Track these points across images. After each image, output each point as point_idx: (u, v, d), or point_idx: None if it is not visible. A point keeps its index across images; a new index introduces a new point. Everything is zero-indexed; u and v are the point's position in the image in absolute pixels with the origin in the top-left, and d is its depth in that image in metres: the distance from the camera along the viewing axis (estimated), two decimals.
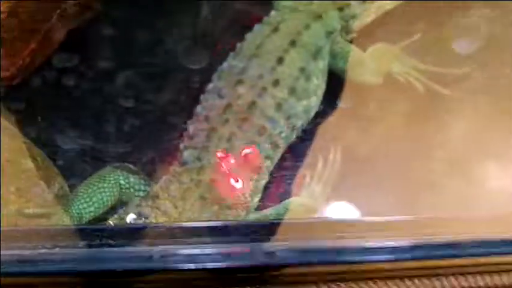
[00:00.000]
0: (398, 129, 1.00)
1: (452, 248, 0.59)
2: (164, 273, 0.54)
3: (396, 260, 0.57)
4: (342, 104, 1.02)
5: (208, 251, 0.54)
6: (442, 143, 0.98)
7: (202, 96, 0.93)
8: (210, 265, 0.53)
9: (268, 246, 0.55)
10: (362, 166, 0.95)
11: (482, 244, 0.58)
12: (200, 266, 0.53)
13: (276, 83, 0.93)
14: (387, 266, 0.57)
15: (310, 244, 0.55)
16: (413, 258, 0.58)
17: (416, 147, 0.97)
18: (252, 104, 0.90)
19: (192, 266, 0.53)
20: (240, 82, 0.92)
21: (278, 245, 0.55)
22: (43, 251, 0.52)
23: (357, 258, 0.56)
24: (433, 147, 0.97)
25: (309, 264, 0.54)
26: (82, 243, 0.53)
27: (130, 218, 0.80)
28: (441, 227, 0.62)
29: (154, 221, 0.80)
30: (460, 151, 0.97)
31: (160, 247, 0.54)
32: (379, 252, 0.57)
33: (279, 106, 0.92)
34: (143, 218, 0.80)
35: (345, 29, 1.04)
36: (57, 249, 0.52)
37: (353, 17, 1.05)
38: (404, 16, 1.11)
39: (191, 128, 0.90)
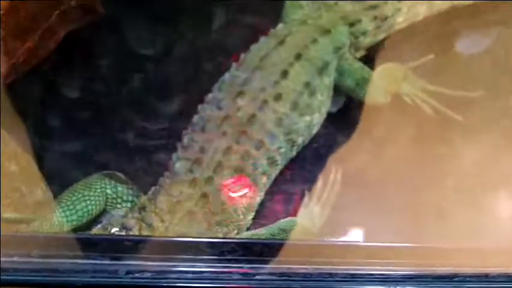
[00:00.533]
0: (405, 152, 0.96)
1: (451, 281, 0.54)
2: None
3: None
4: (346, 122, 0.98)
5: (178, 268, 0.49)
6: (452, 170, 0.93)
7: (200, 107, 0.89)
8: (180, 284, 0.49)
9: (246, 267, 0.50)
10: (366, 190, 0.91)
11: (484, 278, 0.53)
12: (169, 284, 0.49)
13: (278, 97, 0.89)
14: None
15: (293, 268, 0.50)
16: None
17: (424, 173, 0.92)
18: (252, 117, 0.86)
19: (160, 283, 0.49)
20: (240, 94, 0.88)
21: (258, 267, 0.50)
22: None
23: (344, 285, 0.51)
24: (442, 173, 0.92)
25: None
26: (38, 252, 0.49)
27: (113, 229, 0.76)
28: (443, 258, 0.57)
29: (137, 233, 0.76)
30: (470, 179, 0.92)
31: (127, 261, 0.49)
32: (370, 280, 0.52)
33: (279, 121, 0.88)
34: (126, 230, 0.76)
35: (355, 46, 1.00)
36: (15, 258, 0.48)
37: (364, 33, 1.01)
38: (417, 36, 1.08)
39: (186, 138, 0.86)
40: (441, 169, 0.93)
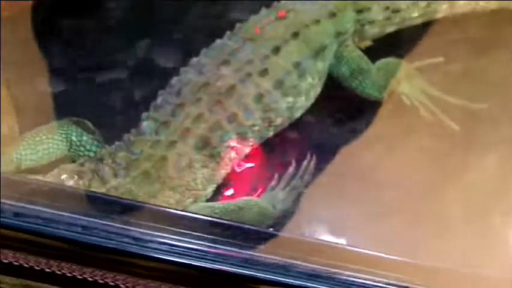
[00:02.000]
0: (408, 159, 0.90)
1: None
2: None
3: None
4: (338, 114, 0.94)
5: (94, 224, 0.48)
6: (456, 182, 0.88)
7: (181, 69, 0.87)
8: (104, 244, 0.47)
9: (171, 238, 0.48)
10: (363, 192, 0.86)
11: None
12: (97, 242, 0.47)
13: (264, 72, 0.86)
14: None
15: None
16: None
17: (428, 182, 0.87)
18: (231, 88, 0.84)
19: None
20: (225, 62, 0.86)
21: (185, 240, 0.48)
22: None
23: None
24: (446, 184, 0.87)
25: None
26: None
27: (63, 175, 0.75)
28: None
29: (86, 184, 0.75)
30: (475, 195, 0.87)
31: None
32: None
33: (259, 97, 0.85)
34: (76, 178, 0.75)
35: (359, 34, 0.96)
36: None
37: (371, 22, 0.96)
38: (431, 36, 1.02)
39: (159, 98, 0.84)
40: (445, 180, 0.88)
